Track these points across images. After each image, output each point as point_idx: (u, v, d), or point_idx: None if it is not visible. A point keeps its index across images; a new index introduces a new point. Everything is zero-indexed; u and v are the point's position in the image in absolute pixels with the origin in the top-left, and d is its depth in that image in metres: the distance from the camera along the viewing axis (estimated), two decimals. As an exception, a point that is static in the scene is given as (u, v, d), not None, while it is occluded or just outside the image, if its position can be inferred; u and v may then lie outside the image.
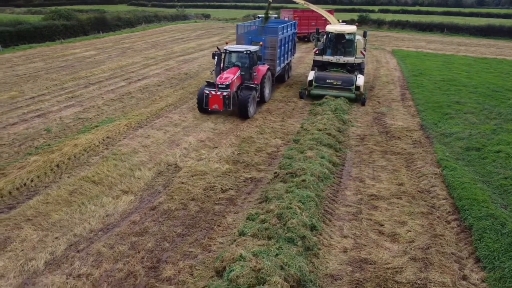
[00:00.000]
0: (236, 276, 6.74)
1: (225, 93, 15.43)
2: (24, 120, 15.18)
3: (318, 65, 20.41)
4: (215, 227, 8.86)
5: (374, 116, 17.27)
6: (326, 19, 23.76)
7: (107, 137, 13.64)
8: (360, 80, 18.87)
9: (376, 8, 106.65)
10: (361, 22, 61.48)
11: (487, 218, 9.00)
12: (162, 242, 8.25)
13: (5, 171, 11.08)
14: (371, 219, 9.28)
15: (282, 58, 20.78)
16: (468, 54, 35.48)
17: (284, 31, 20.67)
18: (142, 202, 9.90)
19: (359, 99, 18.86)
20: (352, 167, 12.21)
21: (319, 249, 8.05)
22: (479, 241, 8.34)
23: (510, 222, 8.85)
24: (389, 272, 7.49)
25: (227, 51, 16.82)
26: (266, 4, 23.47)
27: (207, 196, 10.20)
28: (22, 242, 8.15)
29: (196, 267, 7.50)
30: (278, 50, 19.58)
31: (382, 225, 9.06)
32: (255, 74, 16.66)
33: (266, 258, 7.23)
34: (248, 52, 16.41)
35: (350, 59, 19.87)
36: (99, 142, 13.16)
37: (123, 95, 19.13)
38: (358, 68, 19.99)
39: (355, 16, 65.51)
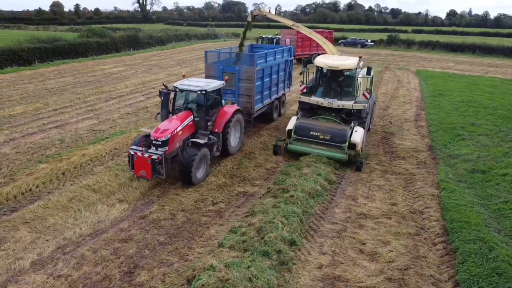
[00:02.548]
0: (202, 285, 6.92)
1: (154, 156, 10.95)
2: (42, 130, 16.14)
3: (306, 108, 15.50)
4: (197, 237, 9.09)
5: (383, 135, 17.11)
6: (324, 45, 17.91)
7: (115, 148, 14.27)
8: (357, 135, 13.55)
9: (409, 28, 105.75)
10: (390, 42, 61.16)
11: (475, 241, 8.74)
12: (143, 249, 8.56)
13: (15, 177, 11.83)
14: (354, 238, 9.22)
15: (266, 93, 17.01)
16: (497, 75, 34.47)
17: (269, 58, 16.74)
18: (134, 211, 10.29)
19: (353, 161, 13.46)
20: (348, 185, 12.16)
21: (294, 264, 8.09)
22: (461, 265, 8.12)
23: (499, 247, 8.57)
24: (360, 290, 7.43)
25: (177, 89, 12.59)
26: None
27: (197, 207, 10.48)
28: (15, 243, 8.68)
29: (169, 275, 7.74)
30: (257, 84, 15.84)
31: (364, 244, 8.99)
32: (210, 122, 12.60)
33: (236, 269, 7.37)
34: (203, 91, 12.16)
35: (347, 104, 14.61)
36: (106, 153, 13.79)
37: (139, 109, 19.94)
38: (358, 116, 14.68)
39: (385, 36, 65.19)
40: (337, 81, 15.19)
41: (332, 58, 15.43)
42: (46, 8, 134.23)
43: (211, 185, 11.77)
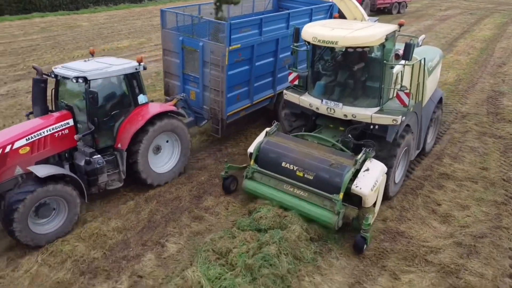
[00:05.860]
0: (260, 217, 7.23)
1: None
2: (143, 63, 17.41)
3: (296, 114, 9.05)
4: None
5: (490, 94, 15.17)
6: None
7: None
8: (368, 178, 7.06)
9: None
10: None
11: None
12: (213, 178, 9.10)
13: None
14: (429, 197, 8.64)
15: (261, 82, 10.56)
16: None
17: (268, 28, 10.00)
18: (212, 143, 10.88)
19: (352, 226, 7.20)
20: (436, 143, 11.20)
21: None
22: (551, 242, 7.21)
23: None
24: (422, 250, 7.05)
25: (57, 76, 7.72)
26: None
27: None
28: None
29: (233, 204, 8.19)
30: (233, 73, 9.52)
31: (439, 205, 8.39)
32: (90, 130, 7.54)
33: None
34: (79, 79, 7.18)
35: (361, 113, 7.79)
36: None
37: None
38: (383, 136, 7.76)
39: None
40: (349, 70, 8.29)
41: (334, 25, 8.09)
42: None
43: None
